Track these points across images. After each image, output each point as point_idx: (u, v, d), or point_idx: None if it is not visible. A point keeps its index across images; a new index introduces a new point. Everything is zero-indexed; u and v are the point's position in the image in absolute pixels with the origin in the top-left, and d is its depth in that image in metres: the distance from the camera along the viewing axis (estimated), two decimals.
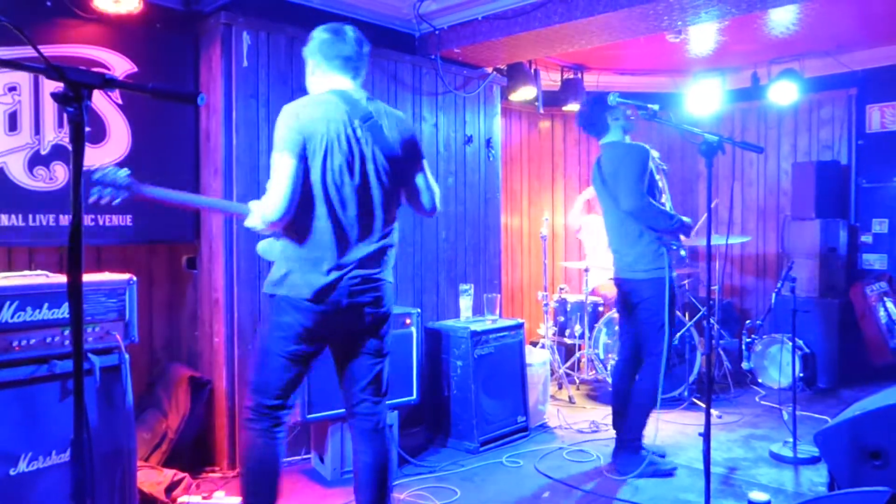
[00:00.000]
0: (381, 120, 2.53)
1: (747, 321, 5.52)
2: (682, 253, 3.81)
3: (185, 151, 3.87)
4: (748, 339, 5.44)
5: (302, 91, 4.01)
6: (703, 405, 4.90)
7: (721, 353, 5.58)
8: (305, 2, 4.09)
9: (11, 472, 2.67)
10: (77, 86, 1.18)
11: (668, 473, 3.75)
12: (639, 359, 3.82)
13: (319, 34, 2.57)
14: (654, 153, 3.80)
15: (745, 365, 5.47)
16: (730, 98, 6.37)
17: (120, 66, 3.58)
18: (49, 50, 3.30)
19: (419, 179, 2.64)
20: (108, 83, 1.22)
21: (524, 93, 5.47)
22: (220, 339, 3.80)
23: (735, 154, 6.64)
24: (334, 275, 2.42)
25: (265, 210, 2.34)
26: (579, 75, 6.17)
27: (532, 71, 5.57)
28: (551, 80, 6.16)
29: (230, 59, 3.75)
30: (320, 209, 2.41)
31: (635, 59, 6.02)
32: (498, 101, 5.27)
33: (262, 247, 2.61)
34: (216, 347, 3.86)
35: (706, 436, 2.72)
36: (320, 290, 2.41)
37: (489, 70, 5.11)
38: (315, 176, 2.39)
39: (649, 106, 2.94)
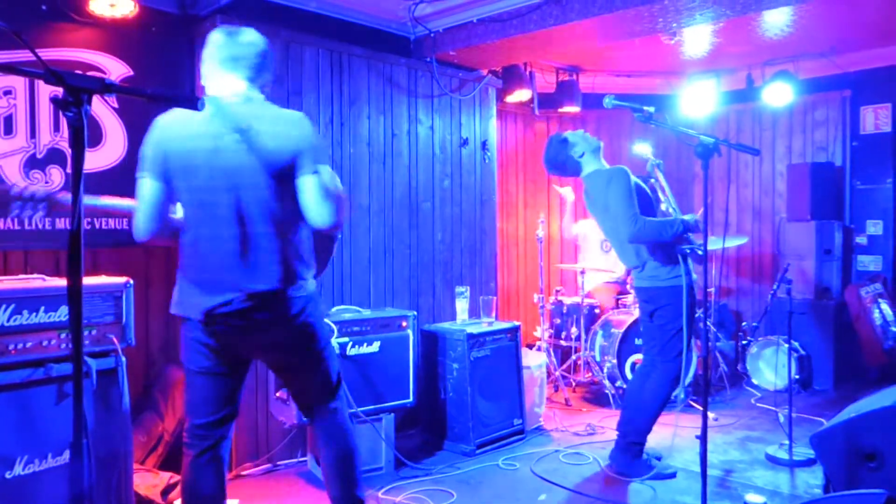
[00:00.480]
0: (261, 126, 2.30)
1: (743, 323, 5.53)
2: (699, 252, 3.77)
3: None
4: (744, 342, 5.45)
5: (297, 94, 4.05)
6: (699, 407, 4.92)
7: (717, 355, 5.59)
8: (301, 5, 4.09)
9: (7, 475, 2.66)
10: (77, 91, 1.18)
11: (670, 476, 3.76)
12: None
13: (213, 35, 2.42)
14: (644, 150, 3.81)
15: (740, 367, 5.49)
16: (724, 99, 6.39)
17: (116, 69, 3.58)
18: (45, 54, 3.28)
19: (304, 193, 2.33)
20: (107, 88, 1.22)
21: (519, 95, 5.48)
22: None
23: (730, 156, 6.66)
24: (220, 298, 2.33)
25: (133, 230, 2.36)
26: (574, 77, 6.18)
27: (527, 73, 5.58)
28: (546, 81, 6.17)
29: None
30: (196, 229, 2.36)
31: (630, 60, 6.04)
32: (493, 104, 5.27)
33: None
34: None
35: (703, 438, 2.72)
36: (206, 312, 2.35)
37: (484, 72, 5.12)
38: (183, 196, 2.35)
39: (645, 108, 2.94)
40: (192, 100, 1.28)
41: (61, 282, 2.93)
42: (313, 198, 2.31)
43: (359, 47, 4.33)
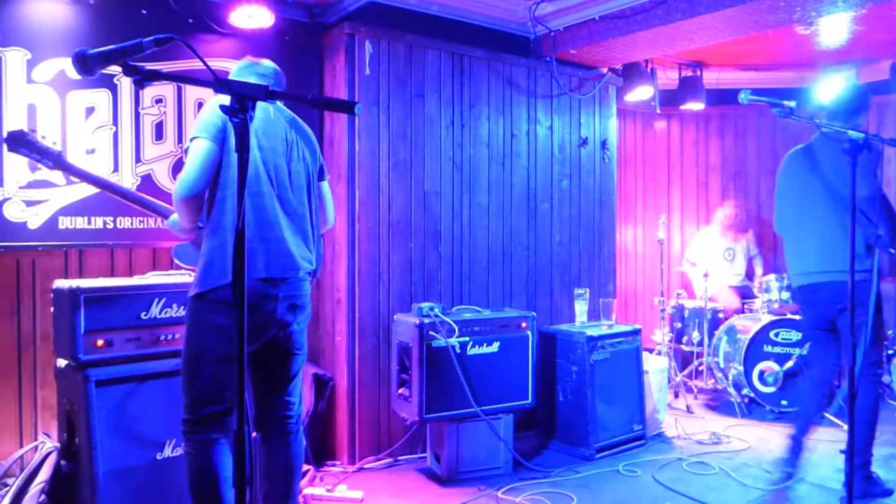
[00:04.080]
0: (301, 131, 2.74)
1: (889, 332, 5.14)
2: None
3: None
4: (889, 351, 5.07)
5: (419, 97, 4.13)
6: (836, 420, 4.63)
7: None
8: (424, 9, 4.17)
9: (158, 457, 2.88)
10: (244, 98, 1.26)
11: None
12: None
13: (241, 61, 2.70)
14: None
15: (885, 379, 5.10)
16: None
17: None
18: (191, 64, 3.52)
19: (326, 196, 2.85)
20: (271, 95, 1.30)
21: (640, 93, 5.35)
22: (342, 337, 3.94)
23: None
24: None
25: (180, 187, 2.45)
26: (698, 72, 5.96)
27: (648, 70, 5.44)
28: (668, 78, 5.98)
29: (353, 67, 3.88)
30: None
31: (759, 53, 5.75)
32: (613, 102, 5.17)
33: None
34: (338, 346, 4.00)
35: (848, 454, 2.56)
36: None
37: (604, 70, 5.03)
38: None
39: (785, 102, 2.80)
40: (348, 104, 1.34)
41: None
42: (329, 200, 2.82)
43: (479, 49, 4.37)
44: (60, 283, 2.84)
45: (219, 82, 1.27)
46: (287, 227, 2.49)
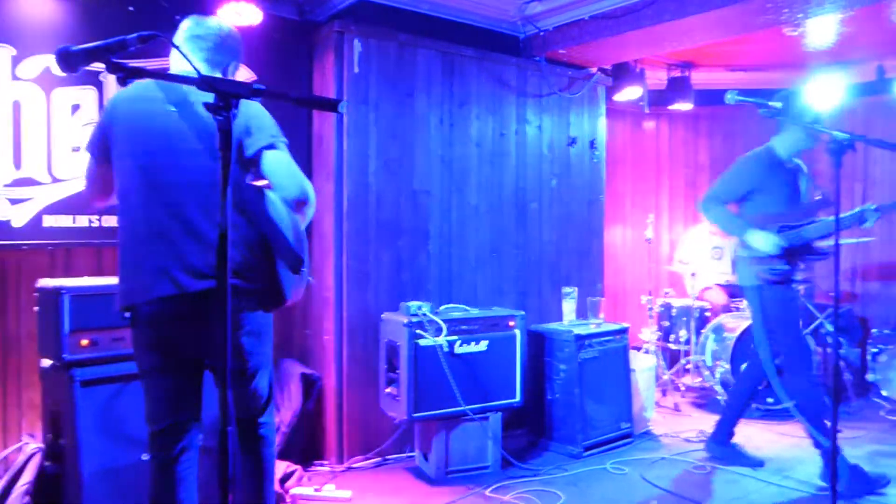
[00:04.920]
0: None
1: (873, 330, 5.18)
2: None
3: (299, 155, 3.96)
4: (874, 349, 5.11)
5: (409, 96, 4.12)
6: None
7: (841, 363, 5.27)
8: (414, 8, 4.17)
9: (144, 458, 2.85)
10: (227, 96, 1.25)
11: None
12: None
13: (184, 21, 2.40)
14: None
15: (869, 377, 5.15)
16: (852, 93, 5.99)
17: (240, 74, 3.75)
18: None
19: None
20: (256, 92, 1.29)
21: (629, 93, 5.36)
22: (331, 337, 3.93)
23: (860, 152, 6.25)
24: None
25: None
26: (686, 73, 5.97)
27: (637, 70, 5.45)
28: (657, 78, 6.00)
29: (342, 65, 3.87)
30: None
31: (747, 54, 5.77)
32: (602, 102, 5.19)
33: None
34: (326, 345, 3.99)
35: (832, 451, 2.57)
36: None
37: (594, 70, 5.04)
38: None
39: (771, 103, 2.81)
40: (332, 103, 1.33)
41: None
42: (278, 170, 2.25)
43: (469, 48, 4.36)
44: (45, 283, 2.82)
45: (203, 80, 1.26)
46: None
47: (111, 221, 3.41)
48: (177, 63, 2.32)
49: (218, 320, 1.83)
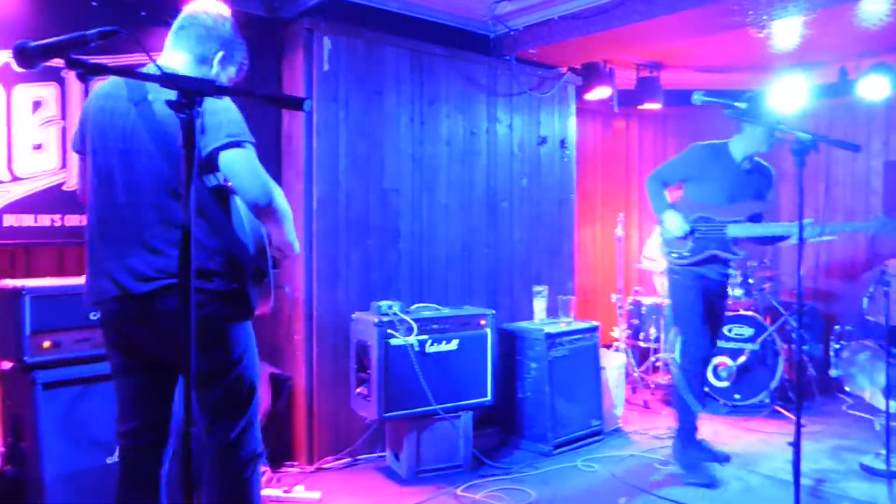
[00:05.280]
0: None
1: (836, 326, 5.29)
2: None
3: (268, 154, 3.97)
4: (836, 346, 5.21)
5: (378, 94, 4.10)
6: (787, 413, 4.75)
7: (805, 359, 5.37)
8: (384, 6, 4.15)
9: (108, 461, 2.81)
10: (191, 93, 1.23)
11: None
12: None
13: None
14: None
15: (832, 372, 5.25)
16: (816, 94, 6.11)
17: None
18: (143, 58, 3.44)
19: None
20: (219, 90, 1.27)
21: (599, 92, 5.39)
22: (300, 336, 3.90)
23: (823, 152, 6.37)
24: None
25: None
26: (655, 73, 6.02)
27: (607, 70, 5.49)
28: (627, 78, 6.04)
29: (311, 63, 3.83)
30: None
31: (715, 55, 5.84)
32: (573, 102, 5.22)
33: None
34: (295, 345, 3.95)
35: (796, 445, 2.62)
36: None
37: (564, 70, 5.07)
38: None
39: (736, 104, 2.85)
40: (297, 101, 1.32)
41: None
42: (238, 172, 2.08)
43: (439, 46, 4.36)
44: (5, 283, 2.75)
45: (164, 77, 1.24)
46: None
47: (74, 221, 3.34)
48: (161, 59, 2.25)
49: (180, 323, 1.83)
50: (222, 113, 2.03)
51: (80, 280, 2.84)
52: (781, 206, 6.52)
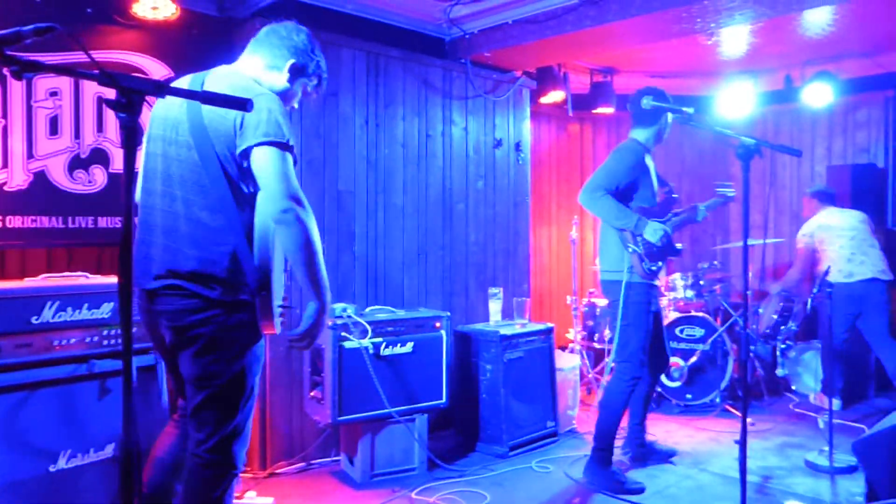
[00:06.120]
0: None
1: (782, 327, 5.43)
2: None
3: None
4: (783, 346, 5.36)
5: (333, 95, 4.07)
6: (736, 412, 4.86)
7: (754, 359, 5.50)
8: (338, 7, 4.12)
9: (51, 469, 2.72)
10: (130, 92, 1.20)
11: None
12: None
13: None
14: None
15: (779, 372, 5.39)
16: (763, 100, 6.28)
17: (157, 71, 3.64)
18: (108, 54, 3.35)
19: None
20: (160, 89, 1.25)
21: (553, 96, 5.45)
22: None
23: (769, 158, 6.55)
24: None
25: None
26: (609, 78, 6.12)
27: (561, 74, 5.55)
28: (581, 83, 6.13)
29: None
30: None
31: (666, 61, 5.96)
32: (527, 105, 5.26)
33: None
34: None
35: (742, 443, 2.68)
36: None
37: (519, 74, 5.11)
38: None
39: (684, 109, 2.91)
40: (241, 102, 1.30)
41: (104, 279, 2.99)
42: (263, 171, 2.11)
43: (395, 49, 4.35)
44: None
45: (104, 75, 1.21)
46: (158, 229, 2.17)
47: (16, 223, 3.24)
48: (237, 64, 2.41)
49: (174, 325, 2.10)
50: (264, 112, 2.03)
51: (20, 284, 2.77)
52: (729, 208, 6.69)
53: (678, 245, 3.76)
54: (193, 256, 2.08)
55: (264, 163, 2.03)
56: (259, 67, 2.33)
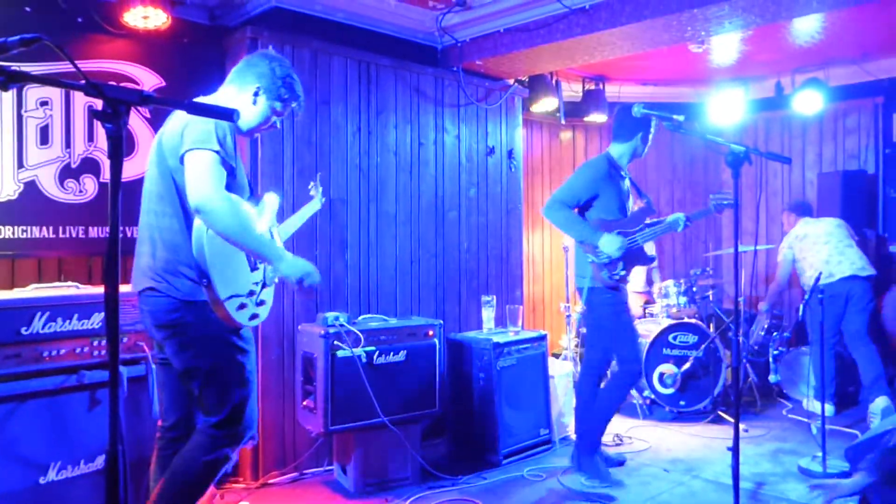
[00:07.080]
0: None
1: (774, 333, 5.45)
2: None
3: None
4: (776, 352, 5.37)
5: (325, 104, 4.08)
6: (729, 418, 4.86)
7: (747, 365, 5.51)
8: (329, 16, 4.13)
9: (41, 481, 2.70)
10: (116, 102, 1.20)
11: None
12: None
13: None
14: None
15: (772, 378, 5.40)
16: (753, 108, 6.32)
17: (148, 80, 3.64)
18: (81, 65, 3.34)
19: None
20: (145, 100, 1.24)
21: (546, 104, 5.47)
22: None
23: (759, 165, 6.58)
24: None
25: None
26: (601, 86, 6.15)
27: (553, 82, 5.57)
28: (573, 91, 6.16)
29: None
30: None
31: (657, 69, 6.00)
32: (519, 113, 5.28)
33: None
34: None
35: (735, 450, 2.68)
36: None
37: (511, 82, 5.12)
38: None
39: (674, 116, 2.92)
40: (227, 112, 1.30)
41: (95, 289, 2.98)
42: (190, 174, 2.32)
43: (386, 57, 4.36)
44: None
45: (90, 86, 1.21)
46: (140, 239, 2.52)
47: (7, 233, 3.22)
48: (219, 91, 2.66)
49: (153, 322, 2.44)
50: (197, 124, 2.29)
51: (10, 294, 2.75)
52: (721, 215, 6.70)
53: (650, 253, 3.95)
54: (161, 258, 2.39)
55: (188, 167, 2.30)
56: (232, 94, 2.60)
